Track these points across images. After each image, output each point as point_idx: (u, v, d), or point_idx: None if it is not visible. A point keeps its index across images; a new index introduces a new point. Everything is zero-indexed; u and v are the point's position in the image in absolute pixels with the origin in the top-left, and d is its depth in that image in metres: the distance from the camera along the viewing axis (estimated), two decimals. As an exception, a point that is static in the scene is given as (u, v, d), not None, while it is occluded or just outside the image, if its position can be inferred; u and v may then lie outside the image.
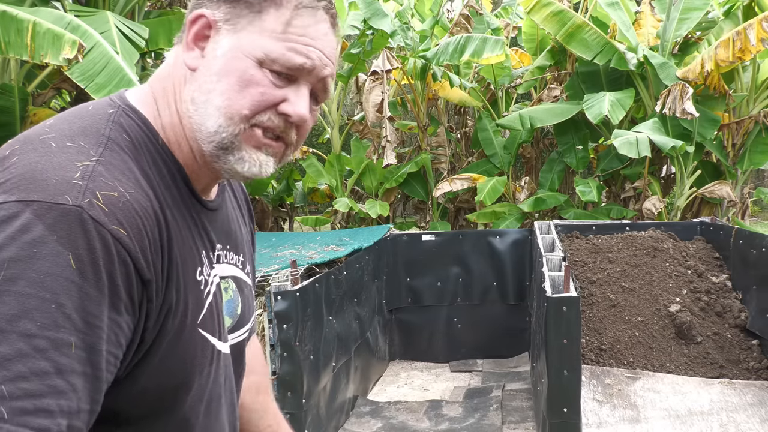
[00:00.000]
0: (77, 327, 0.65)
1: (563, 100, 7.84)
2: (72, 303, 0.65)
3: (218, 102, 0.80)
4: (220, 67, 0.81)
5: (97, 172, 0.73)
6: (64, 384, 0.63)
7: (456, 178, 7.56)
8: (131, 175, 0.77)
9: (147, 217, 0.75)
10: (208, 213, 0.92)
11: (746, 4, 6.91)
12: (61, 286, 0.65)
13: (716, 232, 4.78)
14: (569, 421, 3.04)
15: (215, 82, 0.81)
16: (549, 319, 3.06)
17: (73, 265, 0.65)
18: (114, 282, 0.69)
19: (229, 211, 1.01)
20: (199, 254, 0.88)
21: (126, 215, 0.72)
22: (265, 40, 0.80)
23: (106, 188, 0.72)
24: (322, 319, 3.73)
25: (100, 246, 0.68)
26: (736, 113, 7.16)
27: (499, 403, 4.38)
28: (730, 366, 3.84)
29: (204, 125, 0.82)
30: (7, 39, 4.00)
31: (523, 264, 5.32)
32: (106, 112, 0.82)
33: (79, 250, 0.66)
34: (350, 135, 8.80)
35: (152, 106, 0.86)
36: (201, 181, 0.90)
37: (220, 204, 0.97)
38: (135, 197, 0.75)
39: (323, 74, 0.84)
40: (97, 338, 0.67)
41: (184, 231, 0.85)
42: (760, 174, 14.50)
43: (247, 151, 0.83)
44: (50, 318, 0.63)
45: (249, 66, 0.80)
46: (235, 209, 1.05)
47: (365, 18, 7.38)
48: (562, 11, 6.95)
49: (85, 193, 0.69)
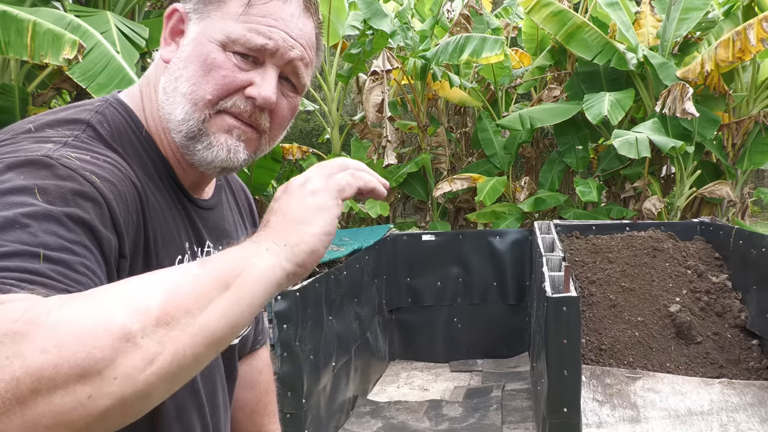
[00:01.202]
0: (44, 244, 0.60)
1: (563, 100, 7.84)
2: (38, 225, 0.61)
3: (184, 89, 0.81)
4: (187, 54, 0.81)
5: (71, 144, 0.73)
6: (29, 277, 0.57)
7: (456, 178, 7.56)
8: (108, 151, 0.77)
9: (123, 180, 0.74)
10: (199, 210, 0.92)
11: (746, 4, 6.91)
12: (24, 211, 0.61)
13: (716, 232, 4.78)
14: (569, 421, 3.04)
15: (182, 69, 0.81)
16: (549, 319, 3.06)
17: (38, 197, 0.63)
18: (84, 210, 0.66)
19: (224, 213, 1.00)
20: (181, 242, 0.87)
21: (100, 169, 0.71)
22: (227, 22, 0.80)
23: (79, 153, 0.71)
24: (322, 319, 3.73)
25: (69, 184, 0.66)
26: (736, 113, 7.16)
27: (499, 403, 4.38)
28: (730, 366, 3.84)
29: (173, 114, 0.82)
30: (7, 39, 4.00)
31: (523, 264, 5.32)
32: (93, 104, 0.83)
33: (45, 184, 0.65)
34: (350, 135, 8.80)
35: (138, 101, 0.87)
36: (187, 176, 0.89)
37: (215, 204, 0.96)
38: (111, 162, 0.74)
39: (289, 56, 0.83)
40: (65, 254, 0.62)
41: (167, 215, 0.84)
42: (760, 174, 14.50)
43: (215, 136, 0.82)
44: (13, 235, 0.59)
45: (212, 50, 0.80)
46: (234, 212, 1.04)
47: (365, 18, 7.39)
48: (562, 11, 6.95)
49: (56, 151, 0.69)
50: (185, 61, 0.81)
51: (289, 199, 0.70)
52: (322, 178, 0.72)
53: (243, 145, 0.84)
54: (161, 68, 0.85)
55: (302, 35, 0.84)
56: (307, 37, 0.85)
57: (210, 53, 0.80)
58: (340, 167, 0.74)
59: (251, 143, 0.85)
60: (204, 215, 0.93)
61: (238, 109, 0.82)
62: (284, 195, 0.71)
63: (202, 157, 0.83)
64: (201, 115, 0.81)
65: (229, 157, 0.83)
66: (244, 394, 1.15)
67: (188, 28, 0.83)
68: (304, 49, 0.85)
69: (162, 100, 0.83)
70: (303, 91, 0.90)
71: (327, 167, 0.74)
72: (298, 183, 0.72)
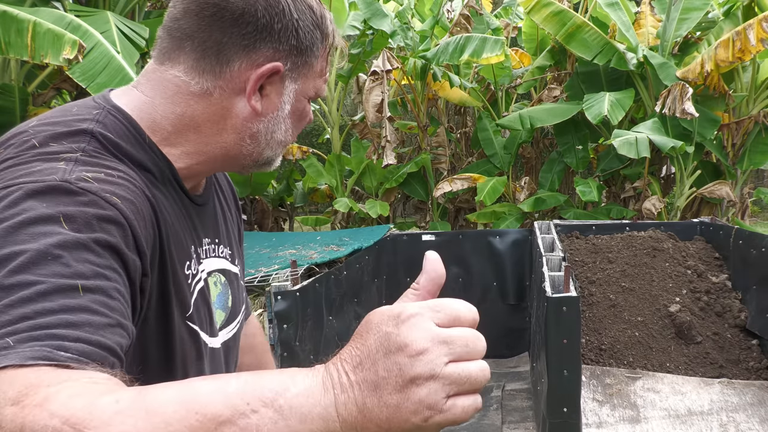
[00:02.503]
0: (79, 273, 0.62)
1: (563, 100, 7.84)
2: (69, 254, 0.63)
3: (281, 138, 0.93)
4: (288, 112, 0.92)
5: (81, 160, 0.73)
6: (73, 318, 0.60)
7: (456, 178, 7.57)
8: (118, 165, 0.77)
9: (139, 195, 0.75)
10: (196, 207, 0.94)
11: (746, 4, 6.91)
12: (54, 241, 0.62)
13: (716, 232, 4.78)
14: (569, 421, 3.04)
15: (281, 122, 0.92)
16: (549, 319, 3.06)
17: (64, 225, 0.64)
18: (110, 234, 0.67)
19: (215, 204, 1.02)
20: (188, 248, 0.88)
21: (117, 188, 0.72)
22: (317, 81, 0.95)
23: (93, 171, 0.72)
24: (322, 319, 3.73)
25: (92, 209, 0.67)
26: (736, 113, 7.17)
27: (499, 403, 4.39)
28: (729, 366, 3.84)
29: (262, 154, 0.93)
30: (7, 39, 4.00)
31: (523, 264, 5.32)
32: (90, 112, 0.82)
33: (70, 211, 0.66)
34: (350, 135, 8.80)
35: (141, 107, 0.86)
36: (192, 178, 0.91)
37: (207, 198, 0.98)
38: (125, 177, 0.75)
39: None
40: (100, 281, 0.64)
41: (176, 223, 0.85)
42: (760, 174, 14.50)
43: (278, 160, 0.97)
44: (48, 269, 0.61)
45: (306, 104, 0.94)
46: (221, 200, 1.07)
47: (365, 18, 7.39)
48: (562, 11, 6.95)
49: (71, 173, 0.70)
50: (285, 117, 0.92)
51: (387, 368, 0.54)
52: (433, 363, 0.54)
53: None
54: (222, 103, 0.87)
55: None
56: None
57: (305, 107, 0.95)
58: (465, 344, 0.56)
59: None
60: (200, 212, 0.95)
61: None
62: (381, 350, 0.54)
63: (261, 169, 0.97)
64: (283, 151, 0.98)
65: (271, 168, 0.98)
66: (244, 358, 1.18)
67: (285, 86, 0.90)
68: None
69: (248, 144, 0.90)
70: None
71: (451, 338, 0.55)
72: (400, 343, 0.54)
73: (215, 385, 0.54)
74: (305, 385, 0.54)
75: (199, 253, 0.92)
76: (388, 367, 0.53)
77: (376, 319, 0.56)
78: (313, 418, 0.53)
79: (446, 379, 0.54)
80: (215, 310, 0.95)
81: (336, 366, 0.56)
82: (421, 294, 0.63)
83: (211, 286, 0.94)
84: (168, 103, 0.86)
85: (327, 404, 0.54)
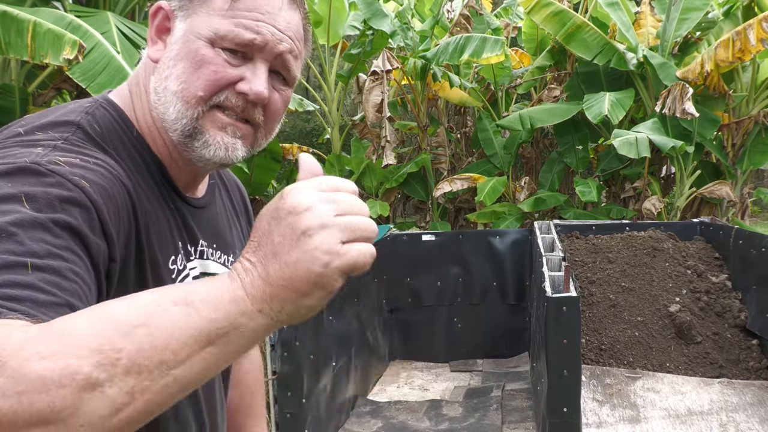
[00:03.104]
0: (31, 252, 0.60)
1: (563, 100, 7.84)
2: (24, 233, 0.61)
3: (174, 87, 0.80)
4: (176, 53, 0.81)
5: (60, 147, 0.73)
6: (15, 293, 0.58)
7: (456, 178, 7.57)
8: (99, 154, 0.76)
9: (113, 182, 0.74)
10: (192, 209, 0.92)
11: (746, 4, 6.92)
12: (11, 219, 0.61)
13: (716, 232, 4.78)
14: (569, 421, 3.04)
15: (171, 68, 0.81)
16: (549, 319, 3.06)
17: (25, 204, 0.63)
18: (72, 216, 0.66)
19: (218, 211, 1.00)
20: (174, 243, 0.86)
21: (89, 173, 0.71)
22: (214, 18, 0.80)
23: (69, 157, 0.71)
24: (322, 319, 3.73)
25: (56, 190, 0.66)
26: (736, 113, 7.17)
27: (499, 403, 4.39)
28: (729, 366, 3.85)
29: (166, 113, 0.81)
30: (7, 39, 4.00)
31: (523, 264, 5.32)
32: (82, 106, 0.82)
33: (33, 191, 0.64)
34: (350, 135, 8.80)
35: (128, 101, 0.87)
36: (181, 175, 0.89)
37: (207, 203, 0.96)
38: (101, 164, 0.74)
39: (278, 50, 0.83)
40: (53, 260, 0.62)
41: (160, 216, 0.84)
42: (760, 174, 14.50)
43: (211, 134, 0.82)
44: (1, 246, 0.60)
45: (200, 46, 0.80)
46: (228, 210, 1.04)
47: (365, 18, 7.39)
48: (562, 11, 6.95)
49: (44, 156, 0.69)
50: (174, 59, 0.81)
51: (281, 232, 0.58)
52: (321, 210, 0.58)
53: (240, 142, 0.84)
54: (150, 68, 0.85)
55: (290, 27, 0.84)
56: (294, 29, 0.85)
57: (199, 50, 0.80)
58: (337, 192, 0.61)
59: (247, 138, 0.86)
60: (197, 214, 0.93)
61: (231, 103, 0.82)
62: (273, 221, 0.59)
63: (200, 154, 0.83)
64: (194, 113, 0.81)
65: (228, 155, 0.83)
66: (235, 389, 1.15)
67: (174, 26, 0.82)
68: (292, 42, 0.85)
69: (154, 100, 0.83)
70: (294, 84, 0.90)
71: (322, 186, 0.60)
72: (288, 207, 0.59)
73: (126, 301, 0.56)
74: (212, 282, 0.59)
75: (189, 250, 0.90)
76: (282, 231, 0.58)
77: (264, 210, 0.61)
78: (224, 303, 0.57)
79: (336, 226, 0.57)
80: None
81: (239, 260, 0.60)
82: None
83: None
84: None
85: (235, 288, 0.58)
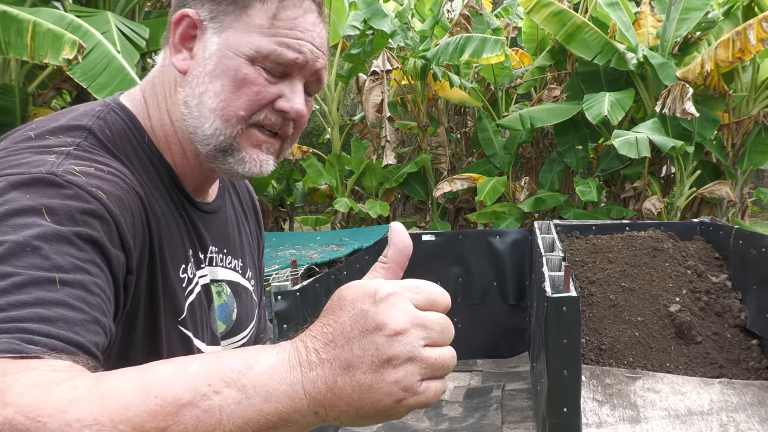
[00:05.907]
0: (58, 266, 0.60)
1: (563, 100, 7.85)
2: (49, 246, 0.60)
3: (213, 104, 0.78)
4: (212, 68, 0.78)
5: (73, 154, 0.72)
6: (47, 313, 0.58)
7: (456, 178, 7.57)
8: (112, 161, 0.75)
9: (128, 192, 0.73)
10: (202, 214, 0.90)
11: (746, 4, 6.92)
12: (34, 233, 0.61)
13: (716, 232, 4.78)
14: (569, 421, 3.04)
15: (207, 84, 0.79)
16: (549, 319, 3.06)
17: (46, 217, 0.62)
18: (93, 228, 0.65)
19: (228, 215, 0.98)
20: (185, 251, 0.85)
21: (105, 183, 0.70)
22: (254, 36, 0.77)
23: (83, 165, 0.70)
24: (322, 319, 3.73)
25: (76, 203, 0.65)
26: (736, 113, 7.17)
27: (499, 403, 4.39)
28: (729, 366, 3.85)
29: (200, 128, 0.79)
30: (7, 39, 4.00)
31: (523, 264, 5.32)
32: (93, 110, 0.81)
33: (53, 203, 0.63)
34: (350, 135, 8.80)
35: (142, 107, 0.85)
36: (193, 181, 0.88)
37: (218, 207, 0.95)
38: (115, 173, 0.73)
39: (316, 67, 0.82)
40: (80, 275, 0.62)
41: (171, 224, 0.83)
42: (760, 174, 14.50)
43: (247, 151, 0.81)
44: (26, 261, 0.59)
45: (240, 64, 0.77)
46: (238, 213, 1.02)
47: (365, 18, 7.39)
48: (562, 11, 6.95)
49: (60, 165, 0.68)
50: (210, 75, 0.78)
51: (363, 347, 0.52)
52: (409, 342, 0.52)
53: (272, 157, 0.84)
54: (173, 76, 0.83)
55: (323, 44, 0.83)
56: (325, 43, 0.85)
57: (240, 68, 0.77)
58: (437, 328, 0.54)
59: (276, 152, 0.85)
60: (207, 219, 0.91)
61: (270, 121, 0.81)
62: (356, 326, 0.53)
63: (233, 169, 0.82)
64: (233, 131, 0.79)
65: (260, 170, 0.83)
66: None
67: (206, 38, 0.80)
68: (324, 57, 0.84)
69: (184, 113, 0.81)
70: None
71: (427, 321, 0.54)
72: (378, 321, 0.52)
73: (175, 367, 0.52)
74: (269, 363, 0.53)
75: (199, 257, 0.89)
76: (364, 346, 0.52)
77: (350, 295, 0.53)
78: (279, 396, 0.52)
79: (423, 362, 0.52)
80: (215, 321, 0.92)
81: (305, 343, 0.54)
82: (391, 267, 0.60)
83: (213, 295, 0.91)
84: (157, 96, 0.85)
85: (293, 381, 0.52)
